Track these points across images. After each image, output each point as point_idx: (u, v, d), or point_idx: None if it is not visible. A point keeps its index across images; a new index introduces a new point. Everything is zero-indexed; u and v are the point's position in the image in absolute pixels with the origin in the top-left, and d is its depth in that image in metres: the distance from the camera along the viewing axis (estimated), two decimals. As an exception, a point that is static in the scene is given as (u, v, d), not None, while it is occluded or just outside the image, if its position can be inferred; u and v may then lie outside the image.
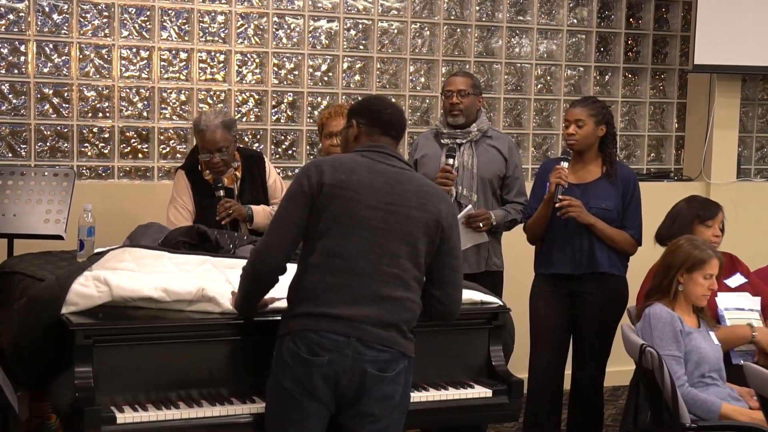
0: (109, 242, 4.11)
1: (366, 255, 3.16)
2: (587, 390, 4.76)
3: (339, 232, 3.17)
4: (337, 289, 3.15)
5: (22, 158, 5.30)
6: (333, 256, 3.16)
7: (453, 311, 3.35)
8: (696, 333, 4.13)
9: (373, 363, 3.13)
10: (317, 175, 3.19)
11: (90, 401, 3.11)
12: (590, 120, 4.59)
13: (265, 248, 3.22)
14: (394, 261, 3.18)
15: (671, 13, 6.74)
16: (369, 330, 3.13)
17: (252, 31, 5.71)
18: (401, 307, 3.19)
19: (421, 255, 3.22)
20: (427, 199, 3.24)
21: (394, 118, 3.36)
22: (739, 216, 6.29)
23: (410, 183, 3.26)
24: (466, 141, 4.76)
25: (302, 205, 3.19)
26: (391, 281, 3.17)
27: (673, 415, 3.87)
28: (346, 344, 3.11)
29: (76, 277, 3.35)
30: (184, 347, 3.31)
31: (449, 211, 3.30)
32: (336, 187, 3.18)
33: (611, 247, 4.61)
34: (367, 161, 3.26)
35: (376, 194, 3.19)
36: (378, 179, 3.22)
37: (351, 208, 3.17)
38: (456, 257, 3.31)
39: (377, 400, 3.15)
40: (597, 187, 4.64)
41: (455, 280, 3.32)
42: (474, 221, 4.63)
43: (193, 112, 5.54)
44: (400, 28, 6.04)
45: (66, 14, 5.33)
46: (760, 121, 7.00)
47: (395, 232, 3.19)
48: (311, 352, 3.11)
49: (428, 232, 3.22)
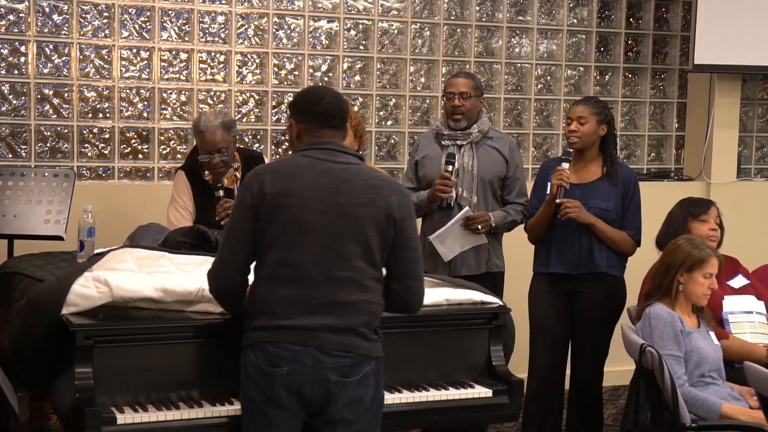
0: (109, 243, 4.11)
1: (317, 262, 3.09)
2: (586, 390, 4.77)
3: (287, 242, 3.09)
4: (290, 300, 3.09)
5: (22, 159, 5.31)
6: (283, 267, 3.10)
7: (414, 304, 3.26)
8: (696, 333, 4.14)
9: (334, 369, 3.08)
10: (258, 185, 3.11)
11: (90, 402, 3.11)
12: (593, 118, 4.59)
13: (217, 266, 3.18)
14: (346, 264, 3.10)
15: (671, 12, 6.74)
16: (326, 337, 3.08)
17: (252, 32, 5.71)
18: (358, 311, 3.12)
19: (376, 253, 3.14)
20: (375, 193, 3.14)
21: (330, 107, 3.22)
22: (740, 216, 6.29)
23: (357, 178, 3.16)
24: (466, 142, 4.76)
25: (247, 217, 3.12)
26: (346, 286, 3.10)
27: (674, 415, 3.87)
28: (305, 353, 3.06)
29: (77, 277, 3.35)
30: (184, 348, 3.32)
31: (401, 202, 3.18)
32: (279, 195, 3.09)
33: (610, 248, 4.61)
34: (310, 162, 3.16)
35: (320, 197, 3.10)
36: (322, 180, 3.12)
37: (296, 216, 3.09)
38: (412, 249, 3.20)
39: (347, 405, 3.10)
40: (597, 187, 4.64)
41: (414, 272, 3.22)
42: (473, 223, 4.62)
43: (194, 112, 5.54)
44: (401, 28, 6.04)
45: (66, 15, 5.33)
46: (760, 120, 7.00)
47: (345, 234, 3.10)
48: (270, 363, 3.08)
49: (379, 227, 3.13)
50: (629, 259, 4.73)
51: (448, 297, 3.73)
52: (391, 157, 6.09)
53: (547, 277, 4.71)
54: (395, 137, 6.09)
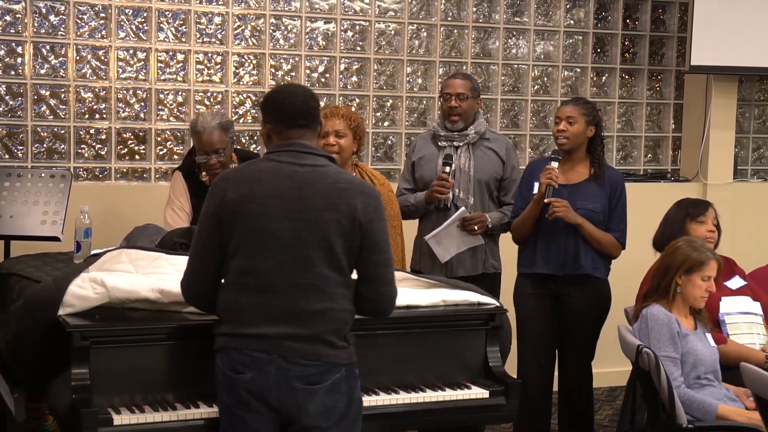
0: (106, 244, 4.11)
1: (279, 269, 3.04)
2: (576, 392, 4.75)
3: (249, 250, 3.05)
4: (253, 308, 3.06)
5: (18, 160, 5.30)
6: (246, 275, 3.06)
7: (383, 307, 3.19)
8: (693, 335, 4.14)
9: (299, 378, 3.03)
10: (221, 193, 3.08)
11: (87, 403, 3.11)
12: (581, 119, 4.58)
13: (187, 277, 3.17)
14: (309, 271, 3.05)
15: (668, 14, 6.75)
16: (291, 346, 3.03)
17: (249, 33, 5.71)
18: (322, 319, 3.06)
19: (341, 258, 3.07)
20: (338, 197, 3.06)
21: (296, 105, 3.13)
22: (736, 217, 6.29)
23: (322, 181, 3.08)
24: (463, 144, 4.76)
25: (212, 225, 3.09)
26: (309, 293, 3.05)
27: (670, 416, 3.88)
28: (268, 361, 3.03)
29: (73, 278, 3.35)
30: (181, 348, 3.31)
31: (367, 204, 3.09)
32: (240, 203, 3.05)
33: (596, 249, 4.60)
34: (273, 166, 3.10)
35: (283, 203, 3.05)
36: (284, 184, 3.06)
37: (258, 223, 3.04)
38: (380, 251, 3.12)
39: (319, 413, 3.06)
40: (584, 188, 4.62)
41: (382, 275, 3.14)
42: (469, 224, 4.62)
43: (190, 113, 5.53)
44: (397, 29, 6.04)
45: (63, 16, 5.33)
46: (756, 121, 7.01)
47: (307, 241, 3.04)
48: (234, 370, 3.06)
49: (343, 231, 3.06)
50: (623, 258, 4.72)
51: (444, 298, 3.73)
52: (388, 158, 6.09)
53: (532, 278, 4.68)
54: (392, 138, 6.09)
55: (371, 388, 3.50)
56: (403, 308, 3.60)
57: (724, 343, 4.31)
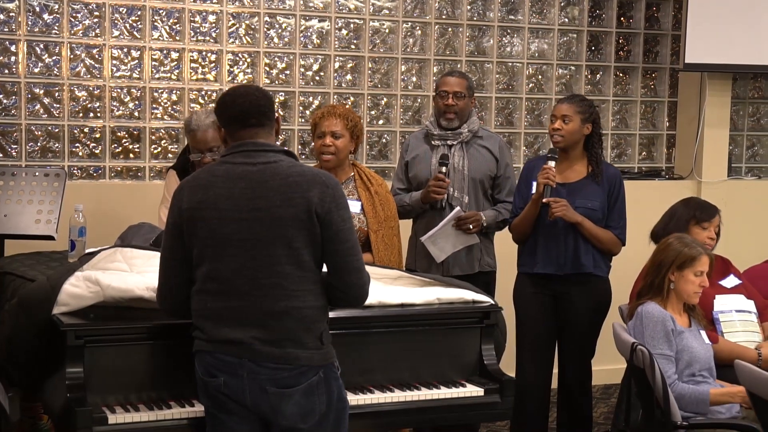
0: (100, 242, 4.10)
1: (240, 272, 3.01)
2: (574, 390, 4.76)
3: (210, 256, 3.03)
4: (219, 314, 3.04)
5: (12, 158, 5.30)
6: (210, 281, 3.04)
7: (354, 296, 3.13)
8: (687, 332, 4.14)
9: (271, 381, 3.01)
10: (178, 202, 3.08)
11: (81, 402, 3.10)
12: (577, 117, 4.58)
13: (159, 289, 3.18)
14: (271, 271, 3.01)
15: (662, 12, 6.75)
16: (260, 349, 3.01)
17: (243, 31, 5.71)
18: (289, 319, 3.02)
19: (303, 253, 3.03)
20: (293, 191, 3.01)
21: (245, 105, 3.09)
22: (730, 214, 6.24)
23: (274, 178, 3.03)
24: (456, 142, 4.76)
25: (174, 236, 3.09)
26: (272, 293, 3.01)
27: (665, 413, 3.88)
28: (239, 365, 3.02)
29: (68, 277, 3.35)
30: (175, 347, 3.30)
31: (324, 194, 3.02)
32: (195, 210, 3.04)
33: (596, 248, 4.60)
34: (226, 168, 3.07)
35: (236, 205, 3.02)
36: (237, 186, 3.03)
37: (214, 228, 3.02)
38: (342, 241, 3.05)
39: (298, 415, 3.04)
40: (582, 186, 4.62)
41: (348, 264, 3.06)
42: (464, 223, 4.62)
43: (185, 111, 5.53)
44: (392, 27, 6.04)
45: (57, 14, 5.32)
46: (750, 119, 7.02)
47: (265, 240, 3.01)
48: (208, 373, 3.07)
49: (302, 226, 3.01)
50: (619, 256, 4.72)
51: (439, 296, 3.73)
52: (383, 156, 6.09)
53: (532, 278, 4.69)
54: (387, 136, 6.09)
55: (366, 386, 3.51)
56: (398, 306, 3.60)
57: (716, 342, 4.31)
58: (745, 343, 4.43)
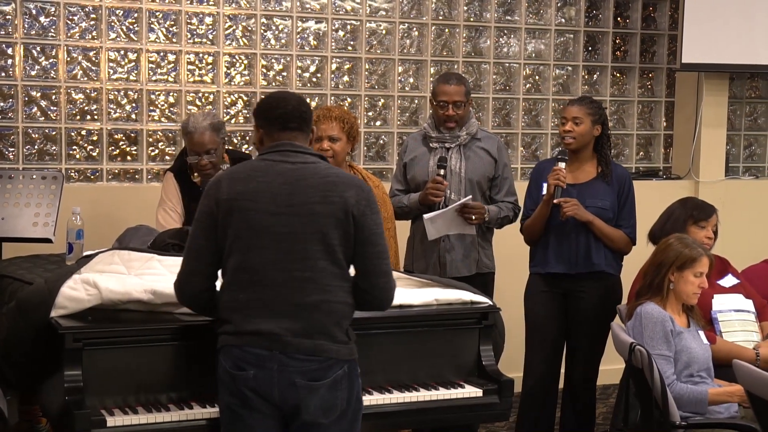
0: (98, 245, 4.10)
1: (274, 264, 3.07)
2: (580, 387, 4.77)
3: (244, 246, 3.09)
4: (251, 304, 3.08)
5: (9, 161, 5.29)
6: (242, 272, 3.09)
7: (382, 300, 3.21)
8: (686, 333, 4.14)
9: (301, 373, 3.06)
10: (215, 192, 3.13)
11: (80, 404, 3.10)
12: (587, 119, 4.61)
13: (180, 278, 3.18)
14: (305, 265, 3.08)
15: (659, 12, 6.75)
16: (290, 341, 3.06)
17: (240, 33, 5.71)
18: (320, 312, 3.08)
19: (337, 250, 3.10)
20: (330, 191, 3.10)
21: (288, 110, 3.21)
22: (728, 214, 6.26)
23: (313, 177, 3.13)
24: (454, 145, 4.75)
25: (207, 226, 3.13)
26: (305, 286, 3.07)
27: (663, 413, 3.88)
28: (270, 358, 3.05)
29: (65, 280, 3.35)
30: (173, 349, 3.31)
31: (360, 197, 3.13)
32: (233, 201, 3.10)
33: (607, 246, 4.62)
34: (266, 164, 3.16)
35: (275, 199, 3.09)
36: (276, 181, 3.11)
37: (251, 219, 3.08)
38: (374, 244, 3.14)
39: (320, 410, 3.08)
40: (592, 187, 4.65)
41: (378, 267, 3.15)
42: (468, 212, 4.60)
43: (182, 114, 5.53)
44: (389, 28, 6.04)
45: (53, 17, 5.31)
46: (747, 119, 7.02)
47: (302, 234, 3.08)
48: (237, 367, 3.08)
49: (338, 224, 3.09)
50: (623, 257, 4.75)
51: (437, 297, 3.73)
52: (380, 158, 6.09)
53: (544, 278, 4.72)
54: (384, 137, 6.09)
55: (365, 387, 3.49)
56: (396, 308, 3.60)
57: (714, 342, 4.31)
58: (743, 342, 4.43)
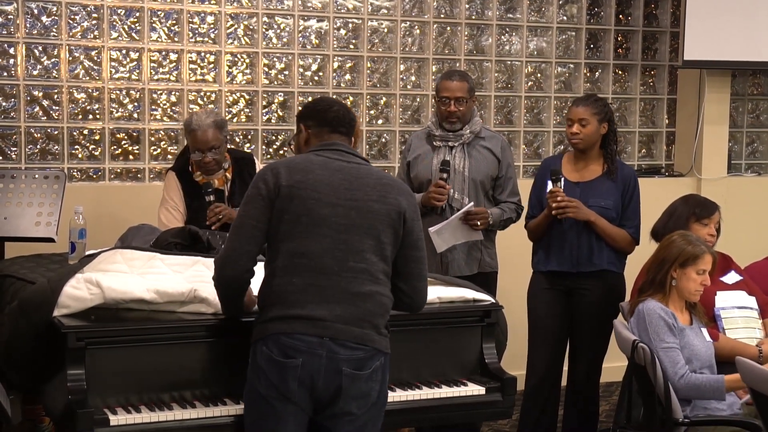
0: (100, 244, 4.10)
1: (331, 252, 3.15)
2: (583, 385, 4.77)
3: (301, 233, 3.15)
4: (305, 289, 3.13)
5: (12, 161, 5.29)
6: (298, 257, 3.14)
7: (420, 303, 3.35)
8: (688, 330, 4.14)
9: (348, 361, 3.11)
10: (274, 178, 3.18)
11: (83, 404, 3.10)
12: (594, 118, 4.61)
13: (227, 255, 3.19)
14: (359, 256, 3.16)
15: (660, 9, 6.75)
16: (341, 328, 3.12)
17: (242, 32, 5.71)
18: (372, 302, 3.17)
19: (387, 248, 3.21)
20: (387, 192, 3.23)
21: (340, 114, 3.35)
22: (730, 211, 6.25)
23: (368, 177, 3.25)
24: (458, 144, 4.74)
25: (261, 208, 3.17)
26: (359, 276, 3.16)
27: (666, 411, 3.88)
28: (319, 344, 3.09)
29: (68, 279, 3.35)
30: (176, 348, 3.31)
31: (410, 203, 3.28)
32: (294, 188, 3.16)
33: (610, 246, 4.62)
34: (322, 160, 3.24)
35: (335, 191, 3.18)
36: (335, 176, 3.20)
37: (311, 207, 3.15)
38: (419, 249, 3.29)
39: (354, 399, 3.13)
40: (597, 185, 4.65)
41: (420, 271, 3.30)
42: (472, 219, 4.61)
43: (184, 113, 5.53)
44: (390, 26, 6.04)
45: (55, 16, 5.32)
46: (750, 116, 7.02)
47: (358, 227, 3.17)
48: (285, 355, 3.09)
49: (391, 224, 3.21)
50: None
51: (440, 295, 3.73)
52: (382, 156, 6.08)
53: (546, 276, 4.72)
54: (386, 136, 6.09)
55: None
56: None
57: (717, 339, 4.31)
58: (746, 339, 4.43)
